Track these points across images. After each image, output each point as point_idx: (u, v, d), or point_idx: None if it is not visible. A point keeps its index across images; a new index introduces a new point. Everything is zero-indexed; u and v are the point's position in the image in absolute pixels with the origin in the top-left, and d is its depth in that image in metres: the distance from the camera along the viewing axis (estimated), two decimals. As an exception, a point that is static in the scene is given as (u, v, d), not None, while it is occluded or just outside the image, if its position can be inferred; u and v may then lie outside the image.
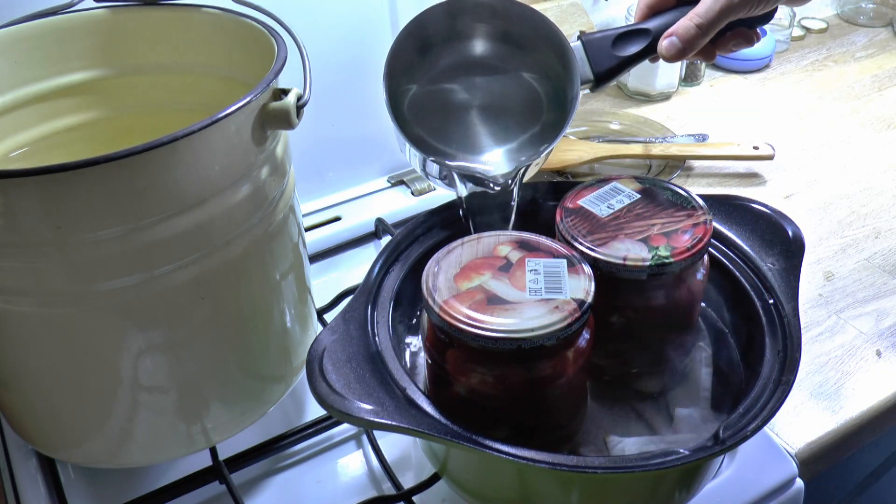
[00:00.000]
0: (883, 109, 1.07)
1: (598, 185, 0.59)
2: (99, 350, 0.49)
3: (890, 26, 1.29)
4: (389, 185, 0.89)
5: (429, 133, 0.61)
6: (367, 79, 0.73)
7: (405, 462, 0.61)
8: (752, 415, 0.46)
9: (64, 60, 0.60)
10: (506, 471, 0.48)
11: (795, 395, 0.65)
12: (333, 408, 0.45)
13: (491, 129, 0.62)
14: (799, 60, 1.21)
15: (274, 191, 0.53)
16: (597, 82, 0.60)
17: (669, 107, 1.09)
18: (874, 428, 0.65)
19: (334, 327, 0.50)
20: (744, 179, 0.93)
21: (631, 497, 0.49)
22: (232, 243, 0.50)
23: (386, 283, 0.56)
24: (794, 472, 0.59)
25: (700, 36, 0.55)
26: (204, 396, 0.54)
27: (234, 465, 0.60)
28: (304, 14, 0.75)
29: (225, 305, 0.52)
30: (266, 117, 0.50)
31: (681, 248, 0.52)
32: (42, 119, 0.61)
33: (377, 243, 0.84)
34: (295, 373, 0.61)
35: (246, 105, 0.47)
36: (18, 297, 0.47)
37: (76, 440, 0.55)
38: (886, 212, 0.86)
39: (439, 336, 0.49)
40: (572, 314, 0.46)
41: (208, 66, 0.62)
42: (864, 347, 0.70)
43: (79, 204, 0.43)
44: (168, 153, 0.44)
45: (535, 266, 0.50)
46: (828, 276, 0.78)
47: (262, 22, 0.57)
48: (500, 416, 0.49)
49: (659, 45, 0.57)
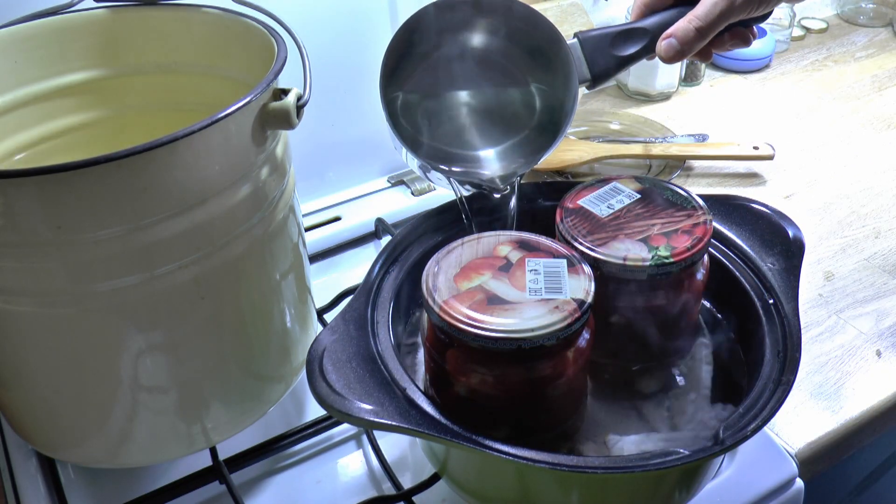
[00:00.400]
0: (883, 109, 1.07)
1: (598, 185, 0.59)
2: (99, 350, 0.49)
3: (890, 26, 1.29)
4: (389, 185, 0.89)
5: (425, 135, 0.61)
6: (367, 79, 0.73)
7: (405, 462, 0.61)
8: (752, 415, 0.46)
9: (64, 60, 0.60)
10: (506, 471, 0.48)
11: (795, 395, 0.65)
12: (333, 408, 0.45)
13: (487, 130, 0.62)
14: (799, 60, 1.21)
15: (274, 191, 0.53)
16: (594, 81, 0.60)
17: (669, 107, 1.09)
18: (874, 428, 0.65)
19: (334, 327, 0.50)
20: (744, 179, 0.93)
21: (631, 497, 0.49)
22: (232, 243, 0.50)
23: (386, 283, 0.56)
24: (794, 472, 0.59)
25: (699, 39, 0.55)
26: (204, 396, 0.54)
27: (234, 465, 0.60)
28: (304, 14, 0.75)
29: (225, 305, 0.52)
30: (266, 117, 0.50)
31: (681, 249, 0.52)
32: (42, 119, 0.61)
33: (377, 243, 0.84)
34: (295, 373, 0.61)
35: (246, 105, 0.47)
36: (18, 297, 0.47)
37: (76, 440, 0.55)
38: (886, 212, 0.86)
39: (439, 336, 0.49)
40: (572, 314, 0.46)
41: (208, 66, 0.62)
42: (864, 347, 0.70)
43: (79, 204, 0.43)
44: (168, 153, 0.44)
45: (535, 266, 0.50)
46: (828, 276, 0.78)
47: (261, 22, 0.57)
48: (500, 416, 0.49)
49: (657, 46, 0.57)
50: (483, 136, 0.62)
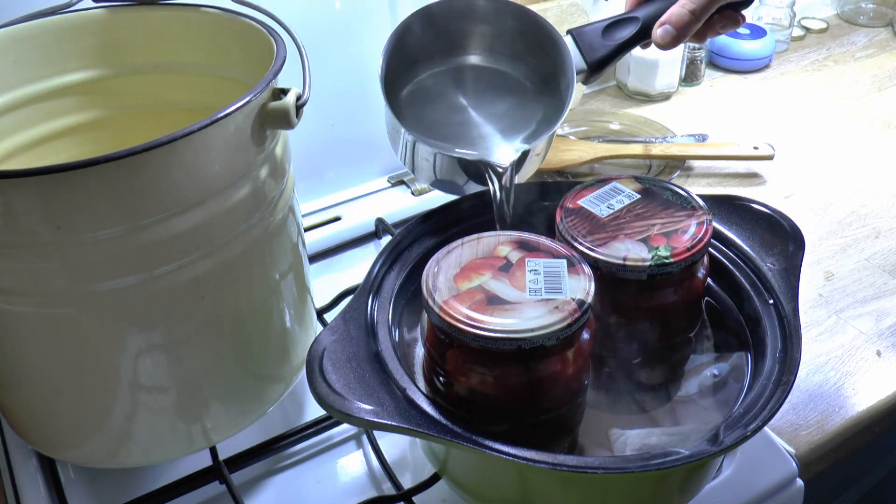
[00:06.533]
0: (883, 109, 1.07)
1: (598, 185, 0.59)
2: (99, 350, 0.49)
3: (890, 26, 1.29)
4: (389, 185, 0.89)
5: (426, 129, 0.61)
6: (366, 78, 0.74)
7: (405, 462, 0.61)
8: (752, 415, 0.46)
9: (63, 60, 0.60)
10: (506, 471, 0.48)
11: (795, 395, 0.65)
12: (333, 408, 0.45)
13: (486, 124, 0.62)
14: (799, 60, 1.21)
15: (273, 191, 0.53)
16: (591, 71, 0.61)
17: (669, 107, 1.09)
18: (874, 428, 0.65)
19: (334, 327, 0.50)
20: (744, 179, 0.93)
21: (631, 497, 0.49)
22: (232, 243, 0.50)
23: (386, 284, 0.56)
24: (794, 472, 0.59)
25: (694, 22, 0.56)
26: (204, 396, 0.54)
27: (234, 465, 0.60)
28: (304, 14, 0.75)
29: (225, 305, 0.52)
30: (265, 117, 0.50)
31: (681, 249, 0.52)
32: (42, 119, 0.61)
33: (377, 243, 0.84)
34: (295, 372, 0.61)
35: (245, 105, 0.47)
36: (18, 297, 0.47)
37: (76, 440, 0.55)
38: (886, 212, 0.86)
39: (439, 336, 0.49)
40: (572, 314, 0.46)
41: (208, 66, 0.62)
42: (864, 347, 0.70)
43: (79, 204, 0.43)
44: (168, 153, 0.44)
45: (535, 266, 0.50)
46: (828, 276, 0.78)
47: (261, 22, 0.57)
48: (500, 415, 0.49)
49: (653, 33, 0.58)
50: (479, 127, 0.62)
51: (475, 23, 0.63)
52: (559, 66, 0.61)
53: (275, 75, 0.50)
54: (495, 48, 0.64)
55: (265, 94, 0.49)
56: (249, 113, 0.49)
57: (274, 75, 0.50)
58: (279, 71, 0.51)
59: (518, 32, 0.62)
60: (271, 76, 0.49)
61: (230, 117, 0.46)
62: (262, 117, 0.50)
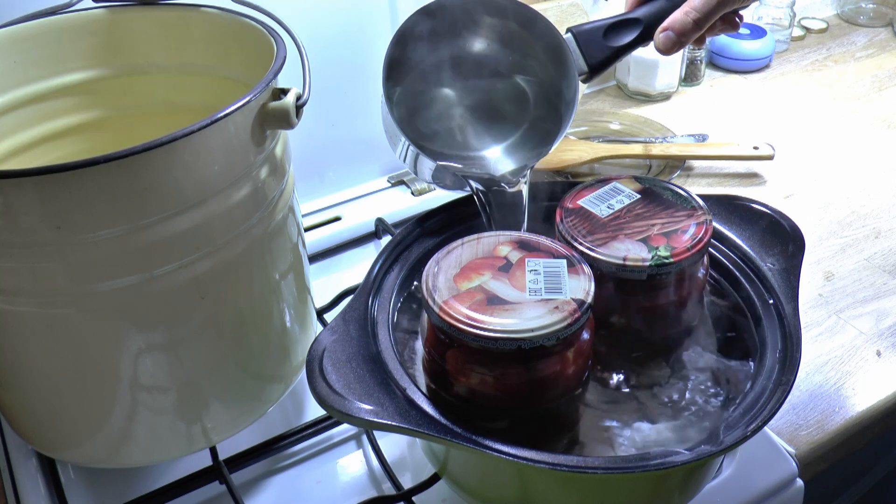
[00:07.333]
0: (883, 109, 1.07)
1: (598, 185, 0.59)
2: (99, 350, 0.49)
3: (890, 26, 1.29)
4: (389, 185, 0.89)
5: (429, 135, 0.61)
6: (366, 78, 0.74)
7: (405, 462, 0.61)
8: (752, 415, 0.46)
9: (63, 60, 0.60)
10: (506, 471, 0.48)
11: (795, 395, 0.65)
12: (333, 408, 0.45)
13: (489, 127, 0.62)
14: (799, 60, 1.21)
15: (273, 191, 0.53)
16: (591, 73, 0.60)
17: (669, 107, 1.09)
18: (874, 428, 0.65)
19: (334, 327, 0.50)
20: (744, 179, 0.93)
21: (631, 497, 0.49)
22: (231, 243, 0.50)
23: (386, 284, 0.56)
24: (794, 472, 0.59)
25: (696, 30, 0.56)
26: (204, 396, 0.54)
27: (234, 465, 0.60)
28: (304, 14, 0.75)
29: (225, 305, 0.52)
30: (265, 117, 0.50)
31: (681, 248, 0.52)
32: (42, 119, 0.61)
33: (377, 243, 0.84)
34: (294, 372, 0.61)
35: (245, 105, 0.47)
36: (18, 297, 0.47)
37: (76, 440, 0.55)
38: (886, 212, 0.86)
39: (439, 336, 0.49)
40: (572, 314, 0.46)
41: (208, 66, 0.62)
42: (864, 347, 0.70)
43: (79, 204, 0.43)
44: (168, 153, 0.44)
45: (534, 266, 0.50)
46: (828, 276, 0.78)
47: (261, 22, 0.57)
48: (500, 415, 0.49)
49: (655, 38, 0.58)
50: (490, 133, 0.62)
51: (476, 21, 0.62)
52: (563, 70, 0.61)
53: (275, 75, 0.50)
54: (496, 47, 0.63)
55: (265, 94, 0.49)
56: (249, 113, 0.49)
57: (274, 75, 0.50)
58: (279, 71, 0.51)
59: (520, 32, 0.62)
60: (271, 76, 0.49)
61: (230, 117, 0.46)
62: (262, 117, 0.50)
